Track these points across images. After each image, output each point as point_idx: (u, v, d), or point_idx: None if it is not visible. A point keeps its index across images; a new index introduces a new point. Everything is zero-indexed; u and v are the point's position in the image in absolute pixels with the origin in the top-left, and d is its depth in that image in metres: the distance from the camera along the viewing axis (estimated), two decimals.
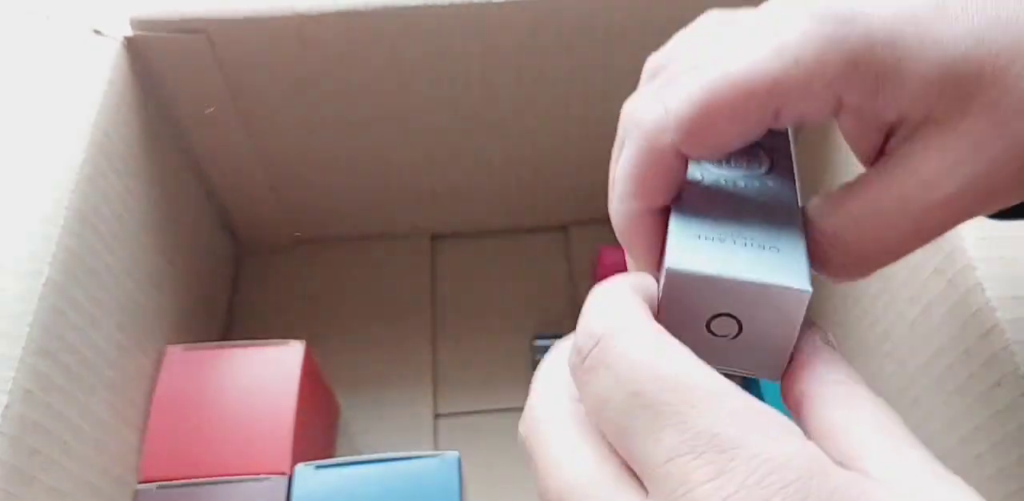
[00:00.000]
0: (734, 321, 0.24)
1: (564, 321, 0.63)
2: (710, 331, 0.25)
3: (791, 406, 0.23)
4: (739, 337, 0.25)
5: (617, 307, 0.23)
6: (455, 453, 0.44)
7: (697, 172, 0.28)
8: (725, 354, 0.25)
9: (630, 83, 0.56)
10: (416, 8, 0.47)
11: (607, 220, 0.73)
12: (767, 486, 0.18)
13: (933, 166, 0.23)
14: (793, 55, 0.23)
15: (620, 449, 0.21)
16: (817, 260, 0.25)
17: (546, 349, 0.61)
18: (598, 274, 0.63)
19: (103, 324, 0.43)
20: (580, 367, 0.22)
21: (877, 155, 0.25)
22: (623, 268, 0.67)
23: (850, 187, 0.25)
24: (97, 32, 0.47)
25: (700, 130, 0.24)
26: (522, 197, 0.65)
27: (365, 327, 0.63)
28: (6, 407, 0.34)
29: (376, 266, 0.66)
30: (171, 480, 0.45)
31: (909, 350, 0.45)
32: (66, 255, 0.40)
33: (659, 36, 0.51)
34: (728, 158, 0.28)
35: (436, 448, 0.57)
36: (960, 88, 0.23)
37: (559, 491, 0.21)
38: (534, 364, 0.60)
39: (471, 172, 0.61)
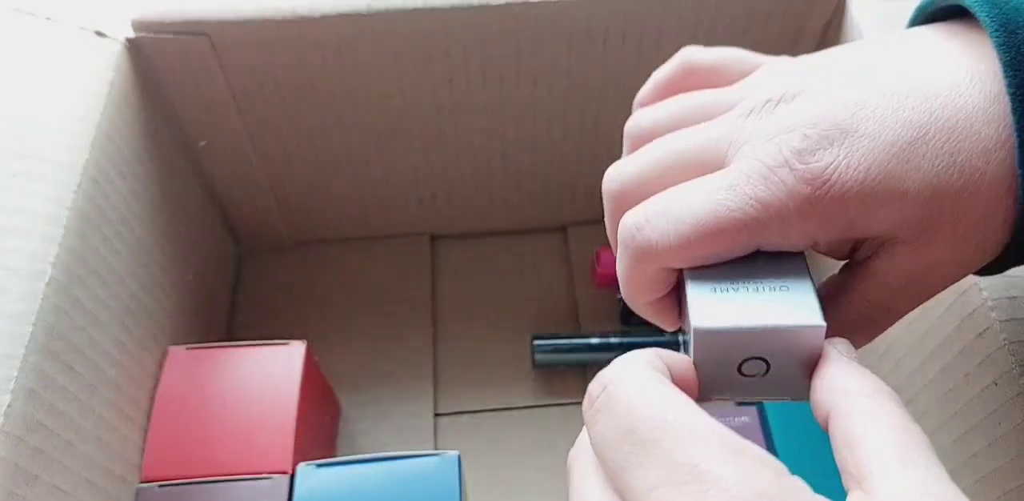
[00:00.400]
0: (762, 362, 0.26)
1: (563, 321, 0.64)
2: (741, 373, 0.27)
3: (821, 421, 0.24)
4: (768, 374, 0.27)
5: (626, 361, 0.25)
6: (455, 452, 0.44)
7: None
8: (758, 388, 0.27)
9: (628, 86, 0.57)
10: (417, 11, 0.47)
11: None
12: None
13: (901, 276, 0.27)
14: (777, 212, 0.25)
15: (616, 483, 0.23)
16: None
17: (545, 348, 0.62)
18: (597, 274, 0.63)
19: (105, 324, 0.43)
20: (589, 410, 0.24)
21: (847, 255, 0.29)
22: None
23: (830, 297, 0.29)
24: (99, 34, 0.47)
25: (685, 256, 0.27)
26: (521, 199, 0.65)
27: (366, 327, 0.63)
28: (8, 406, 0.34)
29: (377, 266, 0.66)
30: (173, 479, 0.45)
31: (905, 350, 0.45)
32: (69, 255, 0.40)
33: (657, 40, 0.51)
34: None
35: (436, 447, 0.57)
36: (922, 224, 0.26)
37: None
38: (533, 363, 0.60)
39: (471, 174, 0.62)
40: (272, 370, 0.49)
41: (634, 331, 0.61)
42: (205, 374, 0.49)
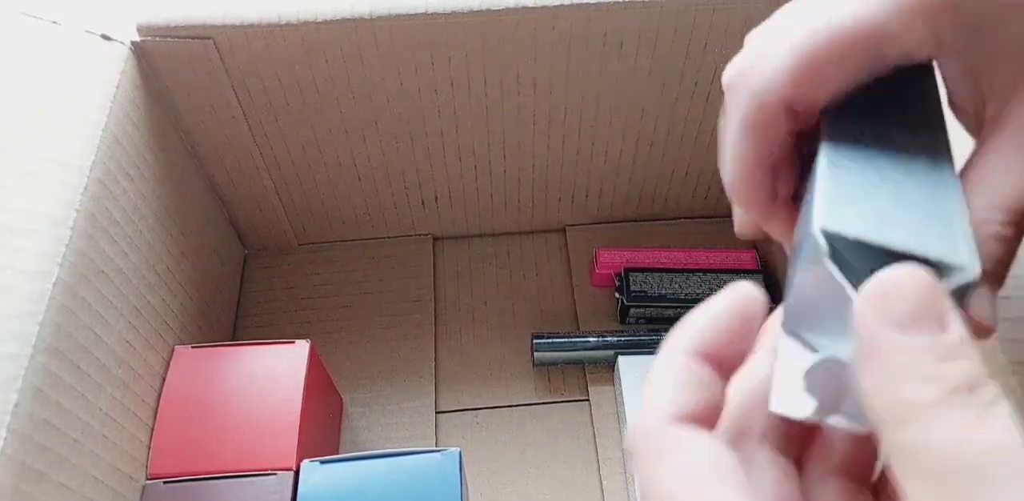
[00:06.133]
0: None
1: (562, 320, 0.64)
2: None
3: None
4: None
5: (644, 424, 0.22)
6: (456, 449, 0.44)
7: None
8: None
9: (627, 90, 0.57)
10: (418, 16, 0.47)
11: (604, 222, 0.74)
12: None
13: None
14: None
15: None
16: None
17: (545, 347, 0.62)
18: (596, 274, 0.64)
19: (112, 324, 0.43)
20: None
21: (978, 119, 0.26)
22: (619, 268, 0.68)
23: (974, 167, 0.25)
24: (105, 37, 0.47)
25: (805, 80, 0.25)
26: (521, 201, 0.65)
27: (369, 326, 0.63)
28: (16, 405, 0.34)
29: (380, 267, 0.67)
30: (179, 476, 0.45)
31: None
32: (76, 256, 0.40)
33: (657, 44, 0.51)
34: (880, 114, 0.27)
35: (437, 444, 0.58)
36: None
37: None
38: (533, 362, 0.60)
39: (471, 176, 0.62)
40: (277, 369, 0.49)
41: (632, 330, 0.61)
42: (211, 373, 0.49)
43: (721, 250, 0.64)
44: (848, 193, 0.23)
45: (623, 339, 0.60)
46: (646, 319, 0.62)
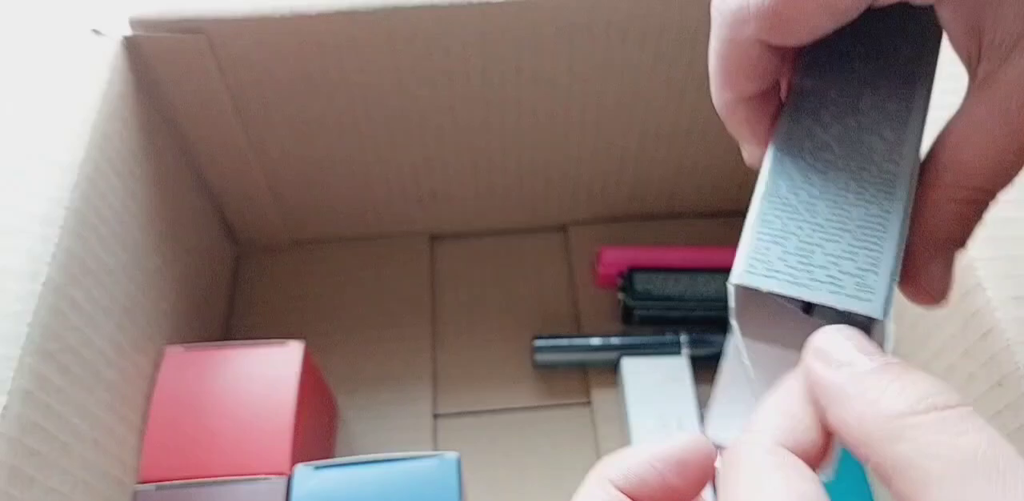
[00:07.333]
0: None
1: (564, 321, 0.63)
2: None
3: None
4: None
5: (746, 452, 0.22)
6: (454, 453, 0.44)
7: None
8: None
9: (629, 83, 0.57)
10: (415, 8, 0.47)
11: (606, 220, 0.73)
12: None
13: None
14: None
15: None
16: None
17: (545, 349, 0.62)
18: (598, 274, 0.63)
19: (102, 324, 0.43)
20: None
21: (977, 64, 0.25)
22: (623, 268, 0.67)
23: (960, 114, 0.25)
24: (96, 32, 0.47)
25: (782, 17, 0.24)
26: (521, 197, 0.65)
27: (364, 327, 0.63)
28: (5, 408, 0.34)
29: (375, 266, 0.66)
30: (170, 481, 0.45)
31: (909, 350, 0.45)
32: (65, 255, 0.40)
33: (659, 36, 0.51)
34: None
35: (435, 448, 0.57)
36: None
37: None
38: (533, 364, 0.60)
39: (470, 172, 0.61)
40: (270, 371, 0.48)
41: (635, 332, 0.60)
42: (202, 374, 0.49)
43: (729, 249, 0.63)
44: (779, 226, 0.24)
45: (627, 341, 0.59)
46: (651, 320, 0.61)
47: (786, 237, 0.24)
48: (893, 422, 0.20)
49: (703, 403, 0.56)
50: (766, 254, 0.24)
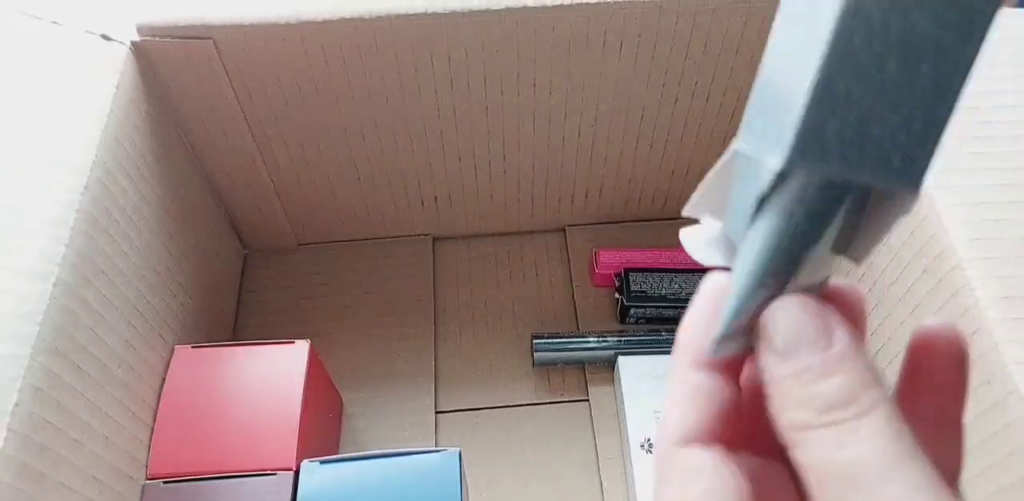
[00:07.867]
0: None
1: (562, 321, 0.64)
2: None
3: None
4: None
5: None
6: (456, 449, 0.44)
7: None
8: None
9: (626, 89, 0.57)
10: (418, 16, 0.47)
11: (604, 223, 0.74)
12: None
13: None
14: None
15: None
16: None
17: (544, 347, 0.62)
18: (596, 274, 0.64)
19: (112, 324, 0.43)
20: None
21: None
22: (619, 269, 0.68)
23: None
24: (105, 37, 0.47)
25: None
26: (521, 200, 0.65)
27: (369, 326, 0.63)
28: (16, 405, 0.35)
29: (379, 267, 0.67)
30: (178, 476, 0.45)
31: (899, 349, 0.45)
32: (76, 256, 0.40)
33: (657, 44, 0.51)
34: None
35: (437, 444, 0.58)
36: None
37: None
38: (533, 362, 0.60)
39: (471, 176, 0.62)
40: (277, 369, 0.49)
41: (632, 330, 0.61)
42: (211, 373, 0.49)
43: None
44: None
45: (623, 339, 0.60)
46: (646, 319, 0.62)
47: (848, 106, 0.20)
48: (792, 433, 0.21)
49: None
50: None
